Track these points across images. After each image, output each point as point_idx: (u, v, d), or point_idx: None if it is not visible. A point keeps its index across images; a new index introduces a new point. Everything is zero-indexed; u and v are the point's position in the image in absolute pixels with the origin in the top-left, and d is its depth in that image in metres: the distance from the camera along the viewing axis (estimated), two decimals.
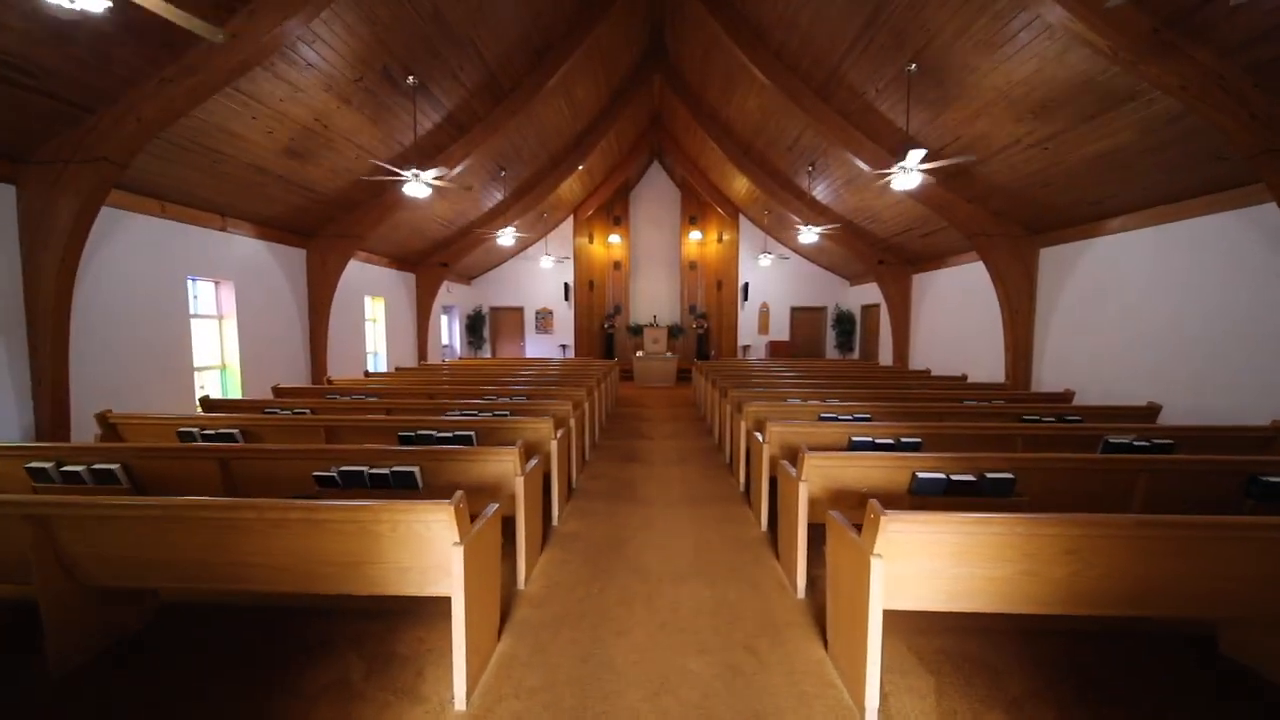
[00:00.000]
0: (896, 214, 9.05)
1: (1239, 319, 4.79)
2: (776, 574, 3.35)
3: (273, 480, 3.31)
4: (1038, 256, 7.45)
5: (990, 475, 2.96)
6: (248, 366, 6.96)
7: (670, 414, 9.44)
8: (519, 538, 3.14)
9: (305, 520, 2.17)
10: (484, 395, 6.20)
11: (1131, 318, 5.91)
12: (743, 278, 15.06)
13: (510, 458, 3.13)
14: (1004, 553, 2.07)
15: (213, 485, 3.25)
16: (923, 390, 6.57)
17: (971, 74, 5.24)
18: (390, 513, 2.14)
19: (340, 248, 8.13)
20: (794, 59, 6.94)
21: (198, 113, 4.81)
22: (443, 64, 6.12)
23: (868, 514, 2.06)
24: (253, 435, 4.32)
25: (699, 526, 4.16)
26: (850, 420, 4.78)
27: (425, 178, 5.93)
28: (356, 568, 2.23)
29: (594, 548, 3.77)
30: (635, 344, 14.80)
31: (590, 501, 4.76)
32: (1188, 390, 5.20)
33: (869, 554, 2.04)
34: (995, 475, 2.96)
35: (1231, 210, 4.87)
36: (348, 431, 4.38)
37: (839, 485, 3.08)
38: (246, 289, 6.97)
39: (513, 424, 4.25)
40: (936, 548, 2.06)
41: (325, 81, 5.27)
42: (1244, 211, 4.77)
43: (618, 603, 3.03)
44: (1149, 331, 5.68)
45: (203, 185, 5.87)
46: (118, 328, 5.25)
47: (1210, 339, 5.02)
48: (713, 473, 5.68)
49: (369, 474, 3.12)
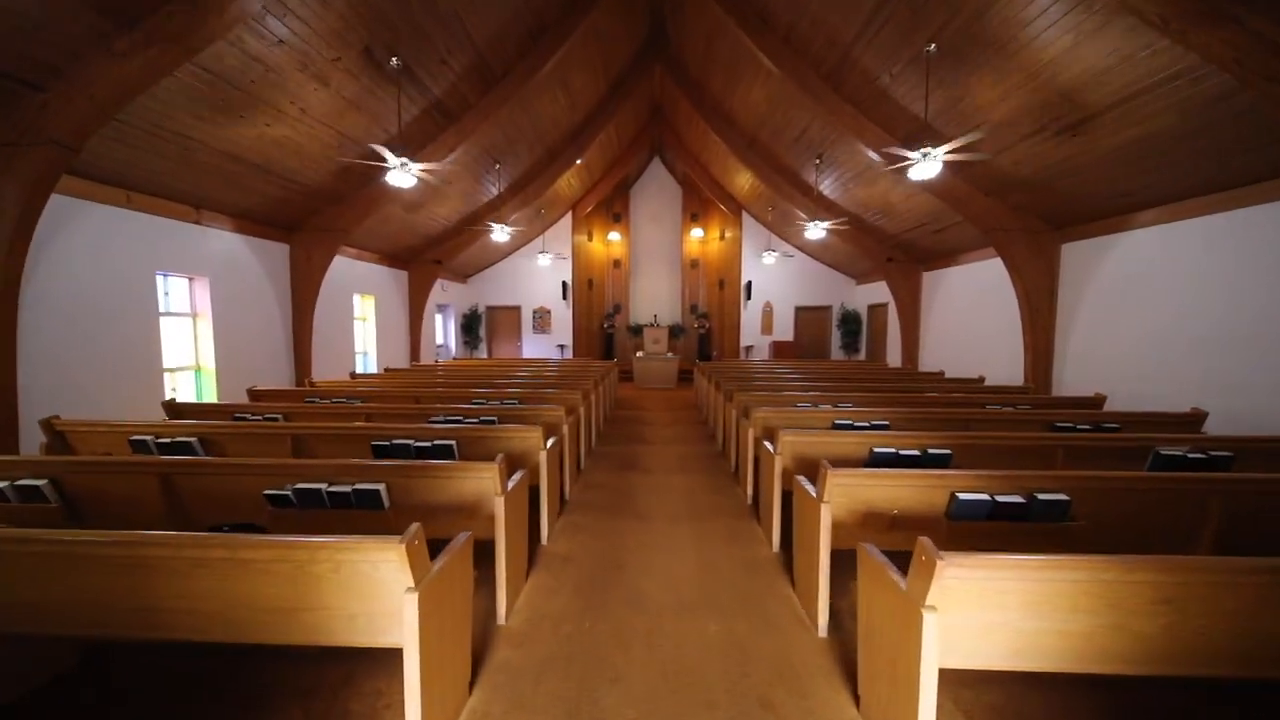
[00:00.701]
0: (908, 209, 8.65)
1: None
2: (793, 605, 2.95)
3: (222, 499, 2.92)
4: (1059, 252, 7.06)
5: (1042, 496, 2.56)
6: (224, 367, 6.58)
7: (671, 417, 9.05)
8: (499, 565, 2.75)
9: (228, 560, 1.79)
10: (473, 399, 5.81)
11: (1167, 317, 5.52)
12: (745, 276, 14.66)
13: (490, 474, 2.74)
14: (1083, 602, 1.68)
15: (152, 504, 2.86)
16: (940, 394, 6.18)
17: (996, 54, 4.85)
18: (331, 551, 1.75)
19: (325, 242, 7.74)
20: (803, 43, 6.55)
21: (161, 94, 4.43)
22: (429, 45, 5.73)
23: (917, 555, 1.67)
24: (213, 444, 3.93)
25: (703, 546, 3.77)
26: (867, 428, 4.39)
27: (413, 168, 5.55)
28: (293, 614, 1.84)
29: (587, 572, 3.38)
30: (635, 344, 14.40)
31: (584, 515, 4.37)
32: (1234, 395, 4.80)
33: (919, 605, 1.65)
34: (1047, 496, 2.57)
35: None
36: (317, 441, 3.99)
37: (865, 507, 2.69)
38: (223, 285, 6.58)
39: (499, 433, 3.86)
40: (1004, 597, 1.67)
41: (300, 60, 4.88)
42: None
43: (612, 641, 2.64)
44: (1188, 331, 5.28)
45: (173, 174, 5.48)
46: (76, 326, 4.86)
47: (1260, 338, 4.62)
48: (717, 482, 5.29)
49: (327, 492, 2.73)
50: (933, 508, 2.67)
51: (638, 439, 7.26)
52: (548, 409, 4.80)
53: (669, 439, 7.27)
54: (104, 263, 5.13)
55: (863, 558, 2.12)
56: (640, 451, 6.55)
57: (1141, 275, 5.84)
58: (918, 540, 1.67)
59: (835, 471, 2.60)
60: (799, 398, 5.68)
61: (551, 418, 4.71)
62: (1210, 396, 4.93)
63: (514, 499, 2.93)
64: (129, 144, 4.83)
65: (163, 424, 4.23)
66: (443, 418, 4.74)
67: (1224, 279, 4.95)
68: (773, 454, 3.70)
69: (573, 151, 10.47)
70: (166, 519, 2.90)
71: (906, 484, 2.65)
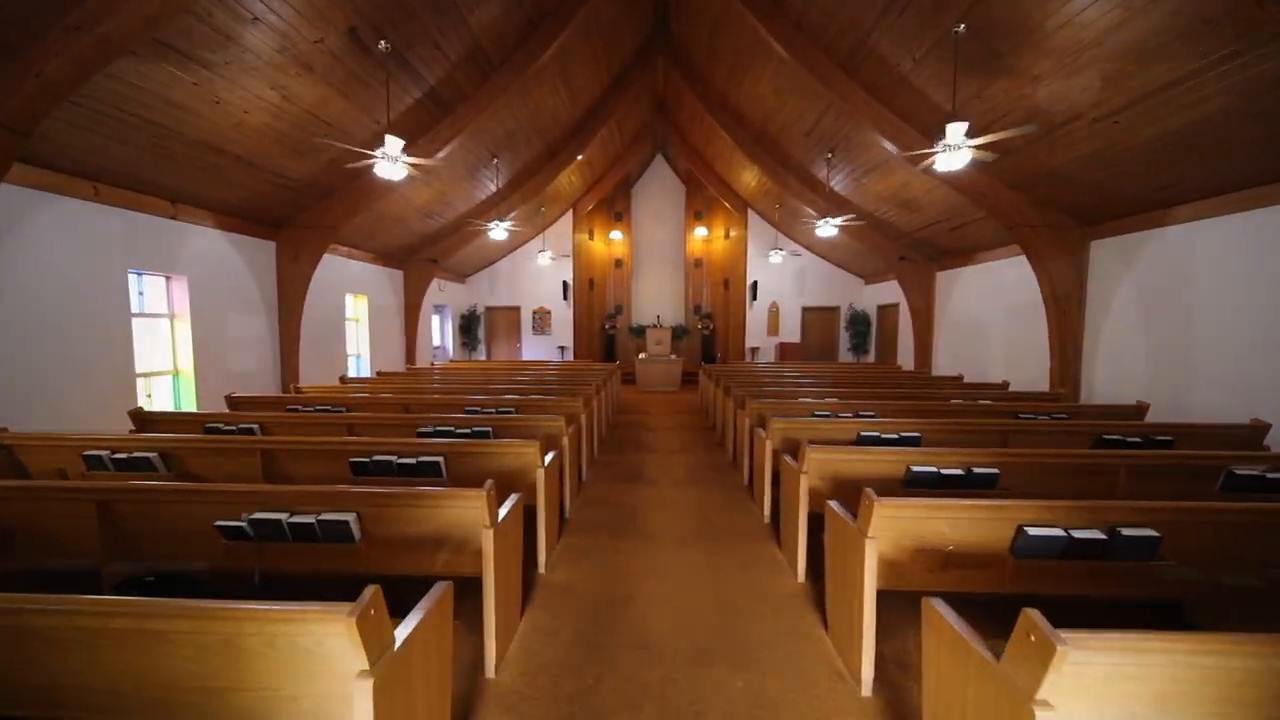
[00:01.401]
0: (925, 204, 8.26)
1: None
2: (827, 653, 2.56)
3: (170, 530, 2.53)
4: (1089, 249, 6.67)
5: (1127, 531, 2.18)
6: (203, 372, 6.19)
7: (675, 422, 8.66)
8: (487, 610, 2.36)
9: (136, 631, 1.41)
10: (468, 407, 5.42)
11: (1214, 319, 5.12)
12: (751, 276, 14.26)
13: (477, 503, 2.36)
14: (1246, 693, 1.29)
15: (88, 537, 2.48)
16: (964, 401, 5.78)
17: (1033, 33, 4.45)
18: (261, 623, 1.37)
19: (314, 240, 7.36)
20: (816, 29, 6.16)
21: (125, 74, 4.05)
22: (421, 27, 5.34)
23: (1023, 633, 1.28)
24: (176, 461, 3.55)
25: (720, 575, 3.37)
26: (896, 440, 4.00)
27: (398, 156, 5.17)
28: (222, 696, 1.46)
29: (590, 606, 2.99)
30: (637, 346, 14.00)
31: (586, 537, 3.99)
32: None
33: (1027, 700, 1.26)
34: (1133, 531, 2.18)
35: None
36: (290, 457, 3.60)
37: (916, 541, 2.30)
38: (203, 284, 6.20)
39: (492, 448, 3.47)
40: (1130, 685, 1.28)
41: (279, 41, 4.50)
42: None
43: (620, 701, 2.24)
44: (1240, 335, 4.88)
45: (144, 165, 5.10)
46: (37, 328, 4.48)
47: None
48: (730, 497, 4.90)
49: (288, 523, 2.34)
50: (994, 542, 2.29)
51: (642, 446, 6.88)
52: (546, 419, 4.41)
53: (674, 447, 6.88)
54: (69, 260, 4.75)
55: (929, 615, 1.73)
56: (645, 461, 6.17)
57: (1183, 273, 5.45)
58: (1024, 613, 1.28)
59: (883, 502, 2.21)
60: (815, 405, 5.29)
61: (551, 428, 4.33)
62: (1267, 406, 4.54)
63: (506, 529, 2.54)
64: (94, 131, 4.45)
65: (123, 437, 3.85)
66: (432, 428, 4.35)
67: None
68: (796, 470, 3.32)
69: (573, 147, 10.09)
70: (106, 553, 2.51)
71: (965, 515, 2.26)
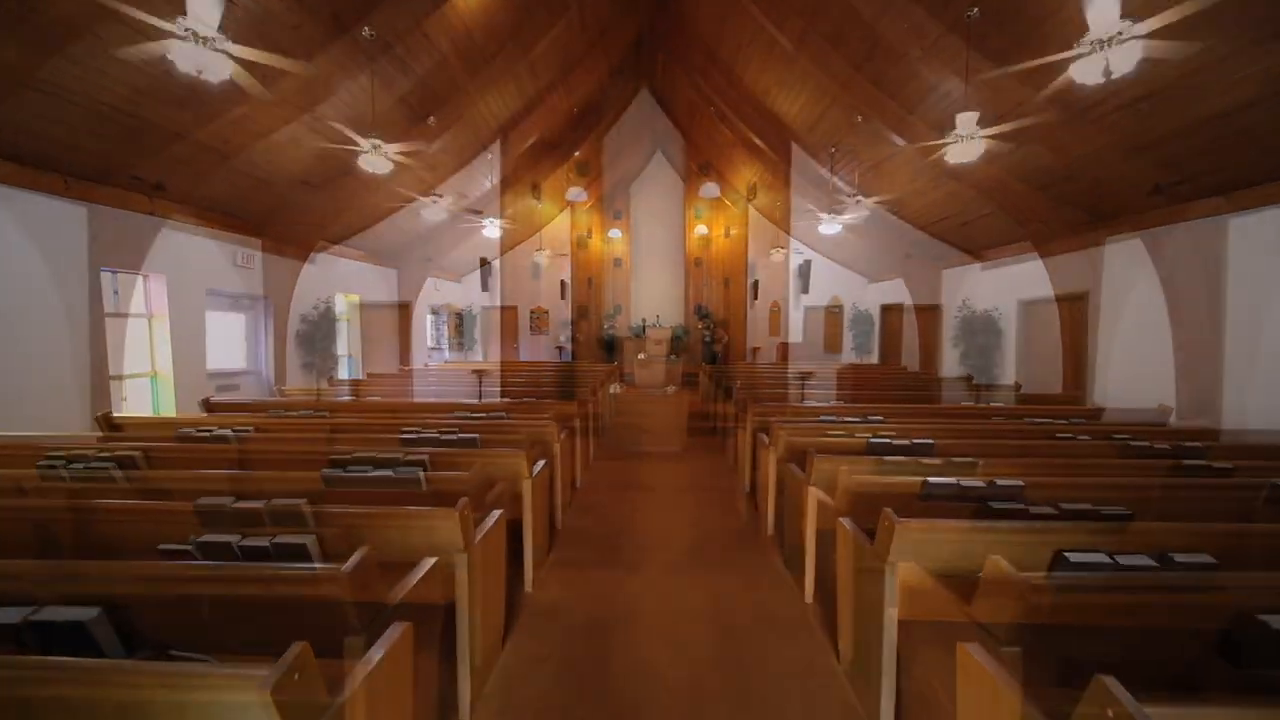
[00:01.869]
0: (932, 200, 8.01)
1: None
2: (840, 690, 2.32)
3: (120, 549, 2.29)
4: (1103, 248, 6.42)
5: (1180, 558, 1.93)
6: (183, 374, 5.95)
7: (675, 424, 8.40)
8: (460, 647, 2.12)
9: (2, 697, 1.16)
10: (456, 410, 5.17)
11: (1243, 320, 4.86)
12: (752, 275, 14.01)
13: (450, 524, 2.12)
14: None
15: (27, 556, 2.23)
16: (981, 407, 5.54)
17: (1054, 15, 4.22)
18: (168, 690, 1.13)
19: (300, 238, 7.14)
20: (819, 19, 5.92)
21: (87, 59, 3.82)
22: (406, 15, 5.11)
23: (1097, 708, 1.04)
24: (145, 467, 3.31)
25: (721, 593, 3.13)
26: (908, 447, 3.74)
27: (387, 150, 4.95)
28: None
29: (580, 631, 2.75)
30: (636, 346, 13.75)
31: (578, 550, 3.75)
32: None
33: None
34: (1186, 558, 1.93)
35: None
36: (261, 465, 3.36)
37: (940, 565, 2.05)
38: (183, 283, 5.95)
39: (475, 458, 3.23)
40: None
41: (254, 24, 4.26)
42: None
43: None
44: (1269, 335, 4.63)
45: (118, 159, 4.86)
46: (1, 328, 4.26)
47: None
48: (731, 505, 4.66)
49: (239, 546, 2.10)
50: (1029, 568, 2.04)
51: (641, 451, 6.64)
52: (538, 423, 4.16)
53: (673, 452, 6.65)
54: (36, 257, 4.51)
55: (965, 663, 1.49)
56: (643, 466, 5.93)
57: (1206, 272, 5.20)
58: (1098, 681, 1.04)
59: (905, 523, 1.96)
60: (821, 409, 5.05)
61: (542, 434, 4.08)
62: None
63: (486, 549, 2.31)
64: (60, 120, 4.21)
65: (85, 444, 3.61)
66: (417, 430, 4.11)
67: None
68: (803, 481, 3.07)
69: (571, 143, 9.87)
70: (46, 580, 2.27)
71: (996, 538, 2.01)
